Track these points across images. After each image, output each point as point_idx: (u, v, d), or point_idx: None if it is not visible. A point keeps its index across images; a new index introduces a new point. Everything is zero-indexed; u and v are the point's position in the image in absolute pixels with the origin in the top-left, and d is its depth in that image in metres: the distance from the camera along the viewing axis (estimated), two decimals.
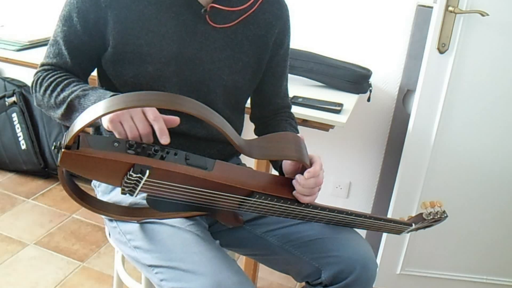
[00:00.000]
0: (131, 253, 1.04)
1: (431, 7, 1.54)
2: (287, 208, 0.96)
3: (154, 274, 0.96)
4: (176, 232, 0.98)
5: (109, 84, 1.07)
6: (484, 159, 1.63)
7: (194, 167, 0.85)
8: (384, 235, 1.79)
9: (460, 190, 1.68)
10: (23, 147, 2.30)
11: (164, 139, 0.79)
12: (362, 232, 2.00)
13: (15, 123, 2.30)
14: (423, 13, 1.67)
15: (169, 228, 0.99)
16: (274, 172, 1.11)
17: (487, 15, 1.41)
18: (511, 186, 1.66)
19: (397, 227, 1.13)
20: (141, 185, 0.83)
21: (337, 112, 1.50)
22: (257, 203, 0.93)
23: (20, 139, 2.30)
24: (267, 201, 0.93)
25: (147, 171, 0.79)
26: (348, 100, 1.62)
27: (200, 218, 1.07)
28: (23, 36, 1.82)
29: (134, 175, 0.80)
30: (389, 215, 1.76)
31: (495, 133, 1.60)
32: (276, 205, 0.94)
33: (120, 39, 0.99)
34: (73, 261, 1.84)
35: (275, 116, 1.23)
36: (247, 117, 1.27)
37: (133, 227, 1.03)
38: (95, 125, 1.12)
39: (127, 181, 0.82)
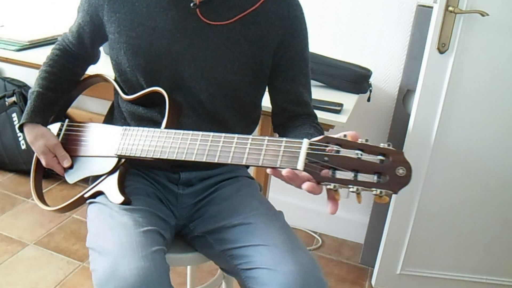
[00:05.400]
0: None
1: (431, 7, 1.54)
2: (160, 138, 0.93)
3: (89, 256, 0.98)
4: (111, 215, 0.97)
5: (117, 69, 1.11)
6: (484, 159, 1.63)
7: None
8: (384, 235, 1.79)
9: (460, 190, 1.68)
10: (23, 147, 2.30)
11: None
12: (360, 237, 2.01)
13: (15, 123, 2.29)
14: (423, 13, 1.67)
15: (108, 210, 0.99)
16: (273, 180, 1.06)
17: (487, 15, 1.40)
18: (511, 186, 1.66)
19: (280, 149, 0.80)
20: None
21: (337, 112, 1.50)
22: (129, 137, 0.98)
23: (20, 139, 2.30)
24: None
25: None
26: (348, 100, 1.62)
27: (166, 217, 1.05)
28: (23, 36, 1.82)
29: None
30: (389, 215, 1.76)
31: (495, 133, 1.59)
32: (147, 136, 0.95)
33: (115, 28, 1.03)
34: (73, 261, 1.84)
35: (294, 120, 1.10)
36: None
37: (90, 210, 1.06)
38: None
39: None
